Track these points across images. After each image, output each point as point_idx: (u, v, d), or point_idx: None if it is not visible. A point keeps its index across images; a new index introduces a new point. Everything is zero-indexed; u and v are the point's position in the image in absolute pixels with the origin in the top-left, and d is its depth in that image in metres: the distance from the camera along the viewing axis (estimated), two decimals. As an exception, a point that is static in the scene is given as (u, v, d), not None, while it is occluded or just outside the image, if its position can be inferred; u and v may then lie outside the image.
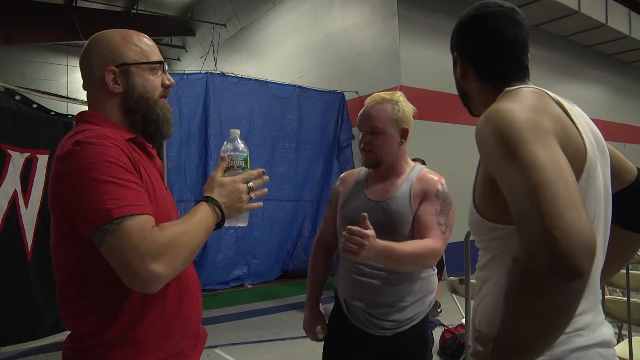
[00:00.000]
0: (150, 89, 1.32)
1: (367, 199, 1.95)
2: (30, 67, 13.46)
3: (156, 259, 1.06)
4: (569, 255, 0.79)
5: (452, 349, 4.19)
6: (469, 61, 1.24)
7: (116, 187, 1.09)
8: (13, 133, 4.54)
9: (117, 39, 1.31)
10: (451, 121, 8.08)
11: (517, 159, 0.92)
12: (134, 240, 1.05)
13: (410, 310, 1.91)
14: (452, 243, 7.02)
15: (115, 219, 1.06)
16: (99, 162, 1.10)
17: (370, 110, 1.94)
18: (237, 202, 1.29)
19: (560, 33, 10.97)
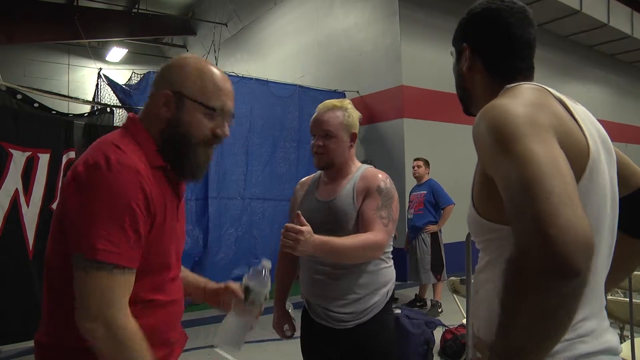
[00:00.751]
0: (195, 130, 1.28)
1: (316, 200, 2.09)
2: (32, 66, 13.46)
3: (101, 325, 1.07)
4: (563, 253, 0.76)
5: (453, 349, 4.18)
6: (479, 54, 1.21)
7: (118, 231, 1.09)
8: (14, 132, 4.55)
9: (192, 68, 1.28)
10: (452, 121, 8.06)
11: (511, 154, 0.88)
12: (98, 295, 1.07)
13: (365, 302, 1.99)
14: (453, 243, 7.01)
15: (96, 260, 1.07)
16: (115, 196, 1.10)
17: (323, 116, 2.07)
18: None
19: (561, 33, 10.95)
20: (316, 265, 2.02)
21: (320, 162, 2.08)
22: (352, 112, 2.10)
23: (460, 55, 1.25)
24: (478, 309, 1.14)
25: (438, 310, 5.94)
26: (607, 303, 1.11)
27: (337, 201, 2.02)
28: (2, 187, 4.46)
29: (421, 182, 6.32)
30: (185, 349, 5.16)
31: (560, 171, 0.85)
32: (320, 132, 2.06)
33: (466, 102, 1.30)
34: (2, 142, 4.46)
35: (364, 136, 8.82)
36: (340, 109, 2.08)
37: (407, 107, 8.10)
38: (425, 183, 6.27)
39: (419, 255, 6.15)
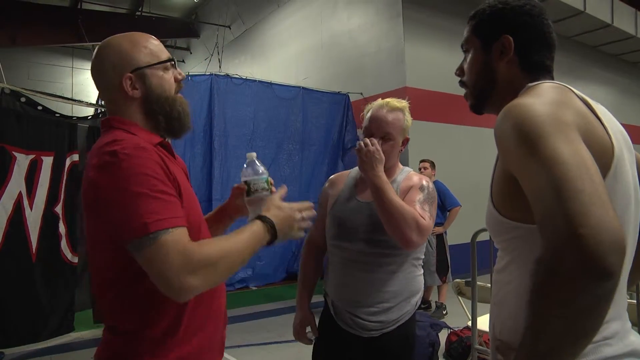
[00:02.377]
0: (167, 87, 1.35)
1: (356, 200, 1.99)
2: (36, 69, 13.50)
3: (191, 273, 1.10)
4: (597, 253, 0.74)
5: (458, 351, 4.15)
6: (518, 48, 1.18)
7: (153, 201, 1.13)
8: (18, 135, 4.56)
9: (126, 45, 1.33)
10: (456, 122, 8.05)
11: (538, 155, 0.87)
12: (169, 253, 1.09)
13: (396, 311, 1.93)
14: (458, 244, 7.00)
15: (152, 232, 1.09)
16: (136, 175, 1.13)
17: (387, 116, 1.97)
18: (288, 228, 1.35)
19: (565, 34, 10.92)
20: (348, 269, 1.93)
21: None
22: (409, 116, 2.04)
23: (491, 45, 1.20)
24: (500, 310, 1.12)
25: (443, 312, 5.90)
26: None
27: None
28: (5, 190, 4.47)
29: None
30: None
31: (588, 171, 0.83)
32: (380, 132, 1.95)
33: (484, 97, 1.25)
34: (6, 145, 4.47)
35: (368, 138, 8.81)
36: (401, 111, 2.00)
37: (411, 108, 8.03)
38: (434, 184, 6.22)
39: (424, 257, 6.10)
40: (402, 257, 1.95)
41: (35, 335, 4.66)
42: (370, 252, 1.91)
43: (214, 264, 1.14)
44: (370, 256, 1.91)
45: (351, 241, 1.94)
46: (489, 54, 1.21)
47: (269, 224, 1.29)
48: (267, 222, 1.29)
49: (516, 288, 1.06)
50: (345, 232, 1.95)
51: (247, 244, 1.23)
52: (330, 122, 8.32)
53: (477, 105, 1.28)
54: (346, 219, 1.92)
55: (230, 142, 7.28)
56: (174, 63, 1.40)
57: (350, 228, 1.94)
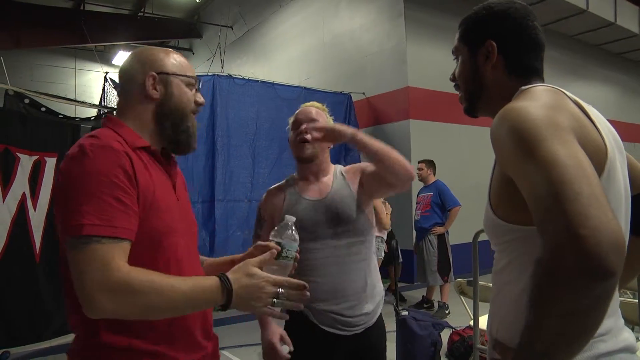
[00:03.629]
0: (185, 101, 1.37)
1: (305, 200, 2.01)
2: (39, 70, 13.54)
3: (104, 292, 1.04)
4: (597, 254, 0.75)
5: (460, 351, 4.15)
6: (502, 52, 1.19)
7: (100, 204, 1.10)
8: (22, 136, 4.57)
9: (160, 52, 1.39)
10: (458, 122, 8.05)
11: (535, 158, 0.88)
12: (91, 263, 1.05)
13: (371, 301, 1.98)
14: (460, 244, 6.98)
15: (84, 235, 1.06)
16: (94, 174, 1.12)
17: (310, 109, 2.09)
18: (253, 300, 1.18)
19: (567, 32, 10.91)
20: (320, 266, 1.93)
21: (306, 152, 2.01)
22: (330, 118, 2.15)
23: (476, 51, 1.23)
24: (498, 310, 1.14)
25: (445, 311, 5.91)
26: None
27: (333, 195, 1.99)
28: (9, 191, 4.49)
29: (428, 184, 6.30)
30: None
31: (585, 173, 0.84)
32: (308, 120, 2.02)
33: (475, 101, 1.27)
34: (10, 146, 4.49)
35: (370, 138, 8.81)
36: (324, 112, 2.12)
37: (413, 108, 8.09)
38: (432, 184, 6.26)
39: (426, 257, 6.12)
40: (367, 244, 2.01)
41: (39, 335, 4.68)
42: (339, 245, 1.94)
43: (133, 293, 1.06)
44: (340, 249, 1.94)
45: (317, 239, 1.94)
46: (475, 59, 1.24)
47: (225, 287, 1.14)
48: (224, 283, 1.14)
49: (513, 289, 1.07)
50: (308, 232, 1.91)
51: (187, 294, 1.12)
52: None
53: (470, 108, 1.30)
54: (304, 219, 1.89)
55: (233, 142, 7.30)
56: (199, 86, 1.43)
57: (311, 227, 1.93)
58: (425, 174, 6.29)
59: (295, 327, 2.00)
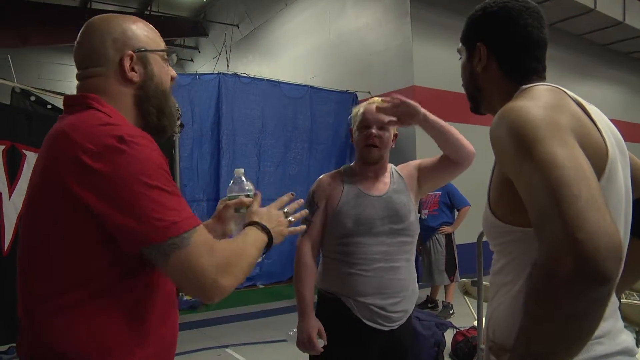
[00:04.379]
0: (165, 79, 1.23)
1: (367, 196, 2.05)
2: (46, 68, 13.61)
3: (222, 272, 1.05)
4: (594, 258, 0.75)
5: (464, 351, 4.14)
6: (494, 54, 1.19)
7: (173, 198, 1.03)
8: (28, 133, 4.59)
9: (129, 22, 1.19)
10: (464, 121, 7.98)
11: (534, 159, 0.87)
12: (203, 254, 1.03)
13: (411, 299, 2.06)
14: (464, 244, 6.94)
15: (185, 232, 1.01)
16: (152, 169, 1.01)
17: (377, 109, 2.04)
18: (277, 226, 1.30)
19: (575, 32, 10.83)
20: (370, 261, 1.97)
21: (373, 155, 2.06)
22: None
23: (472, 54, 1.23)
24: (494, 312, 1.13)
25: (449, 311, 5.90)
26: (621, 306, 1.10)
27: (392, 194, 2.05)
28: (16, 187, 4.50)
29: None
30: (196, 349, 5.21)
31: (585, 174, 0.84)
32: (378, 123, 2.05)
33: (477, 100, 1.28)
34: (16, 143, 4.50)
35: (376, 137, 8.79)
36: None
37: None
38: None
39: (434, 257, 6.09)
40: (413, 245, 2.10)
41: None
42: (392, 242, 2.00)
43: (238, 261, 1.11)
44: (392, 246, 2.00)
45: (371, 235, 1.99)
46: (471, 62, 1.24)
47: (262, 228, 1.26)
48: (260, 226, 1.26)
49: (510, 291, 1.06)
50: (364, 227, 1.99)
51: (254, 245, 1.21)
52: (338, 121, 8.33)
53: (474, 108, 1.32)
54: (362, 214, 1.98)
55: (238, 140, 7.31)
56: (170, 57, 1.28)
57: (368, 223, 1.99)
58: None
59: (334, 321, 2.04)
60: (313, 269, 2.09)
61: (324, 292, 2.09)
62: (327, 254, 2.10)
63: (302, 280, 2.06)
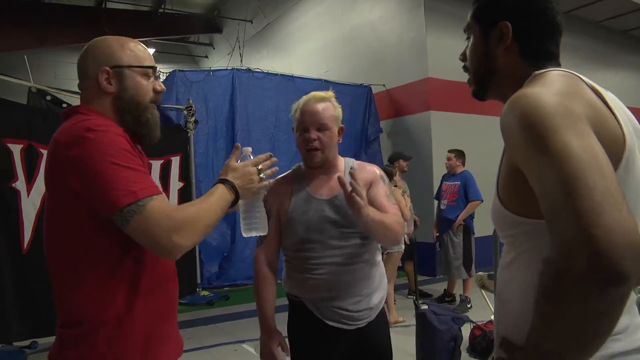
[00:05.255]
0: (141, 92, 1.40)
1: (315, 199, 1.95)
2: (63, 68, 13.73)
3: (178, 232, 1.21)
4: (610, 256, 0.70)
5: (482, 345, 4.10)
6: (517, 34, 1.12)
7: (134, 172, 1.22)
8: (44, 132, 4.63)
9: (114, 43, 1.40)
10: (479, 112, 7.91)
11: (546, 149, 0.82)
12: (158, 218, 1.20)
13: (377, 295, 1.98)
14: (480, 237, 6.85)
15: (140, 199, 1.19)
16: (114, 150, 1.21)
17: (317, 106, 1.94)
18: (248, 183, 1.45)
19: (593, 19, 10.63)
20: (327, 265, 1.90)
21: (315, 160, 1.94)
22: (337, 105, 2.01)
23: (489, 32, 1.16)
24: (504, 307, 1.09)
25: (467, 305, 5.82)
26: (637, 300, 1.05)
27: (342, 196, 1.85)
28: (34, 185, 4.56)
29: (455, 173, 6.20)
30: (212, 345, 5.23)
31: (600, 166, 0.79)
32: (315, 124, 1.92)
33: (486, 85, 1.21)
34: (33, 142, 4.56)
35: (391, 130, 8.75)
36: (329, 101, 1.98)
37: (433, 99, 7.99)
38: (460, 174, 6.13)
39: (451, 250, 6.01)
40: (373, 243, 1.99)
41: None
42: (346, 245, 1.91)
43: (194, 222, 1.26)
44: (347, 248, 1.91)
45: (324, 240, 1.90)
46: (487, 41, 1.17)
47: (229, 185, 1.40)
48: (228, 184, 1.40)
49: (520, 285, 1.02)
50: (315, 232, 1.91)
51: (217, 205, 1.35)
52: (353, 115, 8.29)
53: (479, 92, 1.24)
54: (312, 219, 1.89)
55: (253, 136, 7.31)
56: (157, 74, 1.47)
57: (319, 228, 1.90)
58: (453, 164, 6.18)
59: (300, 323, 2.01)
60: (270, 279, 2.02)
61: (290, 295, 2.05)
62: (286, 258, 2.04)
63: (259, 292, 2.02)
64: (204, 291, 6.49)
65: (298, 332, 2.02)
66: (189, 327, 5.39)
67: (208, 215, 1.31)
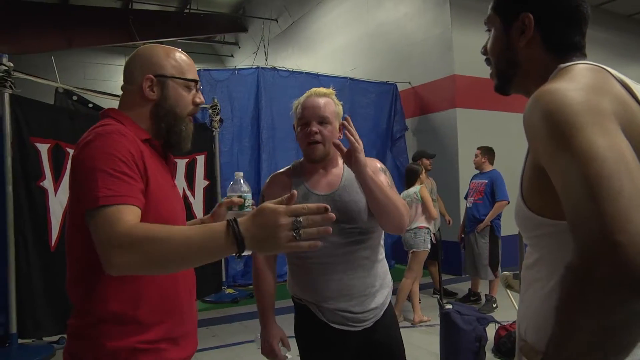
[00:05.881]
0: (181, 104, 1.44)
1: (315, 195, 1.92)
2: (91, 68, 14.01)
3: (118, 248, 1.10)
4: (636, 265, 0.66)
5: (507, 346, 4.01)
6: (541, 26, 1.08)
7: (110, 178, 1.19)
8: (71, 132, 4.72)
9: (160, 53, 1.44)
10: (507, 109, 7.77)
11: (571, 149, 0.78)
12: (104, 227, 1.13)
13: (381, 293, 1.95)
14: (505, 236, 6.76)
15: (99, 206, 1.15)
16: (102, 154, 1.22)
17: (317, 101, 1.94)
18: (270, 238, 1.07)
19: (623, 12, 10.34)
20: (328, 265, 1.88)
21: (317, 153, 1.92)
22: (338, 102, 2.02)
23: (511, 24, 1.12)
24: (526, 309, 1.06)
25: (493, 305, 5.72)
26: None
27: (341, 192, 1.90)
28: (61, 184, 4.64)
29: (483, 171, 6.10)
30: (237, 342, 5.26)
31: (628, 167, 0.74)
32: (316, 118, 1.91)
33: (509, 79, 1.17)
34: (60, 141, 4.64)
35: (416, 127, 8.68)
36: (329, 97, 1.99)
37: (459, 96, 7.88)
38: (487, 173, 6.02)
39: (476, 250, 5.90)
40: (374, 239, 1.95)
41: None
42: (347, 242, 1.87)
43: (146, 245, 1.08)
44: (347, 246, 1.87)
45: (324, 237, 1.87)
46: (509, 33, 1.13)
47: (233, 230, 1.07)
48: (231, 227, 1.07)
49: (543, 287, 0.98)
50: None
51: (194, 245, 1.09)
52: (379, 113, 8.24)
53: (502, 86, 1.21)
54: None
55: (278, 134, 7.31)
56: (198, 87, 1.49)
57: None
58: (479, 161, 6.08)
59: (306, 326, 1.99)
60: (268, 276, 2.02)
61: (294, 298, 2.02)
62: (288, 259, 2.02)
63: (258, 289, 2.02)
64: (229, 289, 6.53)
65: (305, 335, 2.00)
66: (214, 325, 5.44)
67: (171, 245, 1.08)
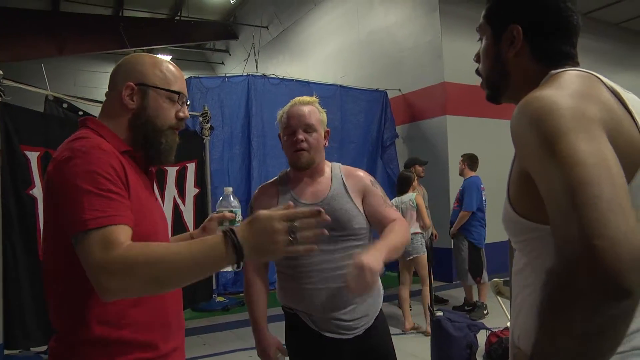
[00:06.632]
0: (162, 115, 1.36)
1: (302, 204, 1.91)
2: (82, 75, 13.93)
3: (108, 273, 1.05)
4: (614, 269, 0.67)
5: (498, 353, 4.02)
6: (529, 37, 1.08)
7: (97, 198, 1.13)
8: (61, 140, 4.63)
9: (147, 62, 1.38)
10: (496, 117, 7.82)
11: (554, 153, 0.79)
12: (96, 252, 1.06)
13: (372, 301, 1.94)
14: (495, 243, 6.76)
15: (87, 229, 1.08)
16: (86, 172, 1.15)
17: (302, 109, 1.95)
18: (268, 244, 1.06)
19: (613, 20, 10.47)
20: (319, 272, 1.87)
21: (302, 160, 1.92)
22: (322, 110, 2.02)
23: (500, 35, 1.13)
24: (517, 315, 1.06)
25: (483, 312, 5.74)
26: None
27: (330, 200, 1.90)
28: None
29: (465, 178, 6.16)
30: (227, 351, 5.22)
31: (609, 173, 0.75)
32: (302, 125, 1.91)
33: (500, 89, 1.18)
34: (50, 149, 4.60)
35: (407, 135, 8.71)
36: (313, 104, 1.99)
37: (449, 103, 7.93)
38: (465, 180, 6.11)
39: (458, 256, 6.05)
40: (363, 245, 1.94)
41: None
42: (336, 249, 1.87)
43: (137, 268, 1.05)
44: (336, 253, 1.87)
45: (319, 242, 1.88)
46: (499, 44, 1.14)
47: (231, 239, 1.05)
48: (228, 236, 1.06)
49: (531, 293, 0.99)
50: None
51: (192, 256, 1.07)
52: (369, 120, 8.27)
53: (493, 96, 1.21)
54: None
55: (269, 142, 7.31)
56: (184, 100, 1.42)
57: None
58: (460, 168, 6.18)
59: (297, 336, 1.98)
60: (259, 285, 2.01)
61: (284, 307, 2.02)
62: (278, 268, 2.01)
63: (249, 299, 2.02)
64: (219, 297, 6.50)
65: (296, 344, 1.99)
66: (204, 333, 5.41)
67: (165, 265, 1.06)
